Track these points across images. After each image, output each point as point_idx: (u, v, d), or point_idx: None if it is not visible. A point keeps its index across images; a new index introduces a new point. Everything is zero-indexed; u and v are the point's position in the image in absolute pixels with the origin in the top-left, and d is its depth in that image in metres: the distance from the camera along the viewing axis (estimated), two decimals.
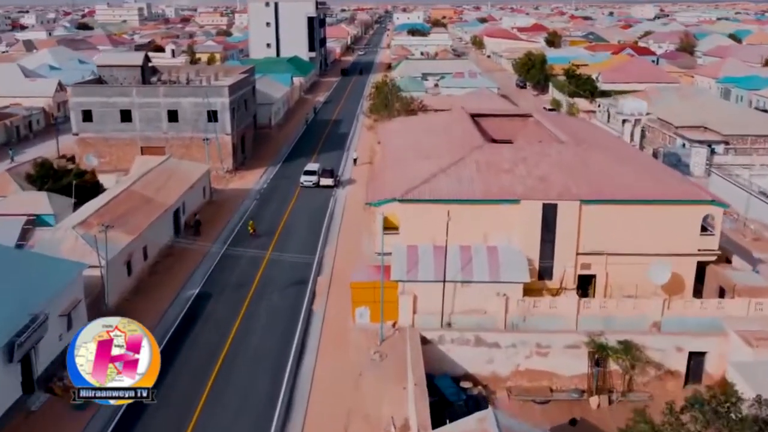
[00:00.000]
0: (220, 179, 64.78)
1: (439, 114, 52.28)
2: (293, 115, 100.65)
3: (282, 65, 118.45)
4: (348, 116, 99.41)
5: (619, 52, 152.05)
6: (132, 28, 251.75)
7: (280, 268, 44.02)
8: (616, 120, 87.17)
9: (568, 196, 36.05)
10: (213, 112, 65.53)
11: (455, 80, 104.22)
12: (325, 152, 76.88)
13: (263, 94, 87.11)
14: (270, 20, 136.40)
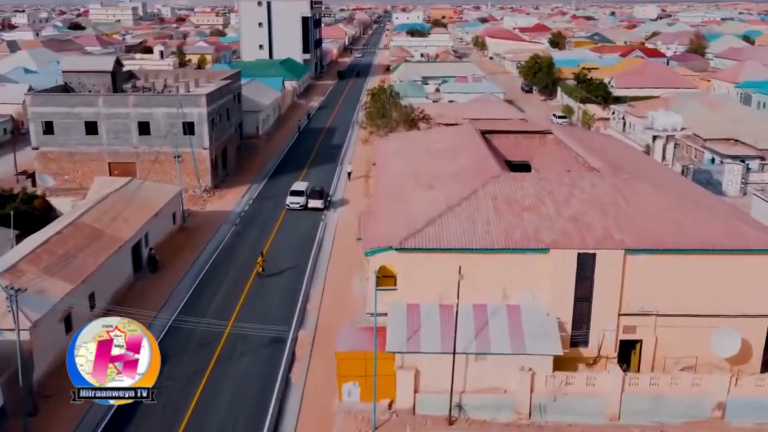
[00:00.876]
0: (197, 200, 57.18)
1: (444, 130, 44.64)
2: (285, 122, 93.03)
3: (274, 68, 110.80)
4: (343, 124, 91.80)
5: (628, 54, 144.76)
6: (124, 28, 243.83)
7: (255, 317, 36.47)
8: (633, 129, 79.72)
9: (610, 244, 28.47)
10: (189, 124, 57.93)
11: (458, 85, 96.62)
12: (317, 166, 69.28)
13: (250, 101, 79.52)
14: (262, 20, 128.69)
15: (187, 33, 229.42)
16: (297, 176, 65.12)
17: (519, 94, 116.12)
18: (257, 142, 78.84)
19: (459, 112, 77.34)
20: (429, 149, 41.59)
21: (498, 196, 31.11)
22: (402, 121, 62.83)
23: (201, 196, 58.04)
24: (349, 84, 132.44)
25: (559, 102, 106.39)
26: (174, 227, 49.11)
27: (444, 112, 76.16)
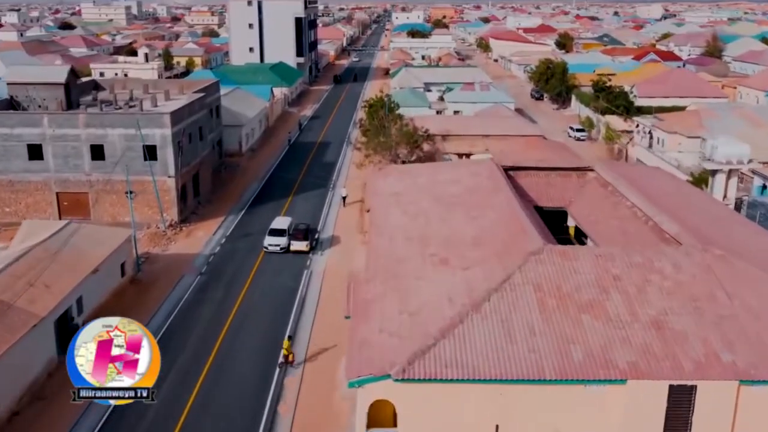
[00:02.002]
0: (159, 238, 47.47)
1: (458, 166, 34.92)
2: (273, 134, 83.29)
3: (263, 74, 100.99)
4: (337, 137, 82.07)
5: (642, 57, 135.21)
6: (115, 28, 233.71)
7: (207, 425, 26.91)
8: (662, 146, 70.09)
9: (717, 370, 18.86)
10: (150, 148, 48.29)
11: (464, 94, 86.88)
12: (305, 191, 59.54)
13: (232, 114, 69.79)
14: (253, 21, 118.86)
15: (180, 33, 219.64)
16: (281, 204, 55.50)
17: (528, 102, 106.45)
18: (239, 161, 69.12)
19: (467, 127, 67.80)
20: (439, 195, 31.87)
21: (543, 285, 21.52)
22: (403, 142, 53.11)
23: (165, 233, 48.36)
24: (345, 89, 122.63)
25: (573, 111, 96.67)
26: (122, 281, 39.42)
27: (450, 128, 66.56)
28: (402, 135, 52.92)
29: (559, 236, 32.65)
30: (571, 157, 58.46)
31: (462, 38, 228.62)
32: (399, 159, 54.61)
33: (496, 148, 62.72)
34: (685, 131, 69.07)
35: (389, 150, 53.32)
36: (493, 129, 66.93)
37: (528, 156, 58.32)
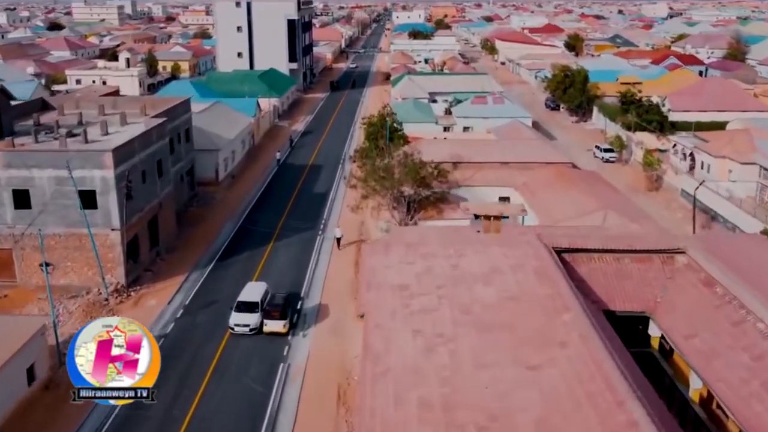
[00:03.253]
0: (99, 310, 36.77)
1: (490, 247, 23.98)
2: (259, 154, 72.58)
3: (251, 82, 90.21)
4: (331, 158, 71.35)
5: (662, 60, 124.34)
6: (106, 28, 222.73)
7: None
8: (709, 172, 59.41)
9: None
10: (88, 194, 37.67)
11: (476, 108, 76.09)
12: (290, 234, 48.84)
13: (207, 136, 59.10)
14: (241, 24, 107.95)
15: (173, 34, 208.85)
16: (259, 253, 44.88)
17: (542, 113, 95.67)
18: (216, 191, 58.47)
19: (482, 152, 57.07)
20: (467, 303, 21.13)
21: None
22: (409, 179, 42.34)
23: (107, 302, 37.71)
24: (343, 97, 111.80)
25: (595, 125, 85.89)
26: (30, 390, 28.78)
27: (462, 153, 55.86)
28: (407, 170, 42.16)
29: (637, 349, 22.05)
30: (615, 196, 47.73)
31: (465, 39, 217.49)
32: (403, 197, 43.87)
33: (518, 179, 52.08)
34: (736, 156, 58.41)
35: (391, 189, 42.58)
36: (513, 154, 56.19)
37: (560, 192, 47.65)
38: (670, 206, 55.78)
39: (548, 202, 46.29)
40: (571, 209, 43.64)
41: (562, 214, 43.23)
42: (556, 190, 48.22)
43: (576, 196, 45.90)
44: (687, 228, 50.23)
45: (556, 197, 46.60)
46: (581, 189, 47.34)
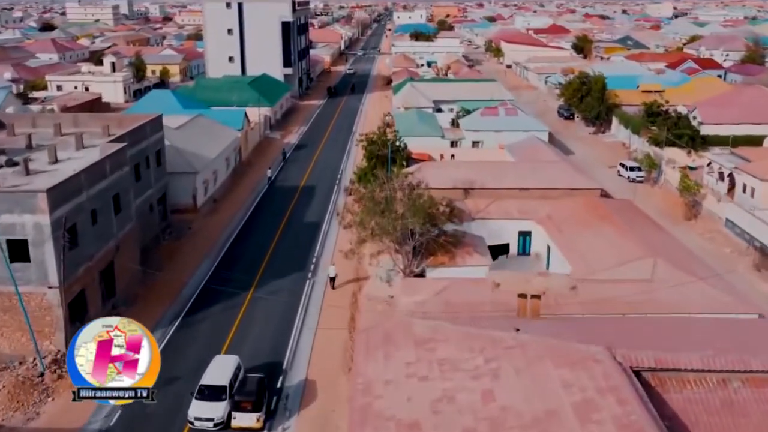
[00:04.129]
0: (29, 391, 29.23)
1: (543, 362, 16.64)
2: (246, 173, 64.95)
3: (240, 90, 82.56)
4: (326, 177, 63.66)
5: (678, 65, 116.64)
6: (99, 29, 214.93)
7: None
8: (754, 197, 51.88)
9: None
10: (17, 244, 30.10)
11: (486, 120, 68.41)
12: (274, 278, 41.26)
13: (184, 157, 51.52)
14: (232, 26, 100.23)
15: (167, 35, 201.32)
16: (236, 305, 37.29)
17: (555, 122, 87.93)
18: (193, 219, 50.89)
19: (497, 175, 49.61)
20: None
21: None
22: (416, 219, 34.60)
23: (41, 378, 30.13)
24: (341, 104, 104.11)
25: (614, 136, 78.20)
26: None
27: (474, 177, 48.36)
28: (414, 209, 34.45)
29: None
30: (658, 234, 40.10)
31: (468, 39, 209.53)
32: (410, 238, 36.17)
33: (540, 210, 44.50)
34: None
35: (394, 232, 34.89)
36: (532, 179, 48.66)
37: (592, 229, 40.05)
38: (715, 239, 48.16)
39: (580, 242, 38.71)
40: (610, 254, 36.08)
41: (599, 260, 35.68)
42: (588, 226, 40.66)
43: (613, 236, 38.33)
44: (738, 263, 42.74)
45: (589, 236, 39.02)
46: (617, 225, 39.76)
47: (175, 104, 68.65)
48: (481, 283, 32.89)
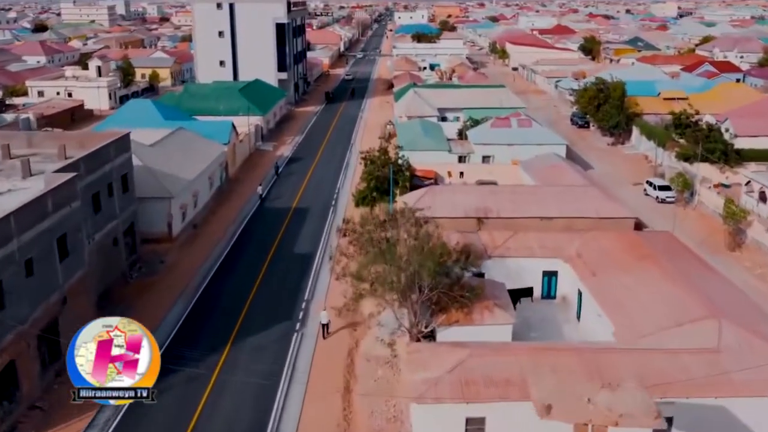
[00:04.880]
0: None
1: None
2: (233, 192, 58.41)
3: (229, 98, 76.00)
4: (320, 198, 57.04)
5: (695, 68, 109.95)
6: (93, 30, 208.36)
7: None
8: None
9: None
10: None
11: (497, 132, 61.81)
12: (256, 330, 34.61)
13: (158, 180, 44.99)
14: (223, 28, 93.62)
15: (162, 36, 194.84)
16: (207, 369, 30.71)
17: (569, 131, 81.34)
18: (168, 250, 44.38)
19: (516, 201, 43.08)
20: None
21: None
22: (426, 268, 27.90)
23: None
24: (339, 111, 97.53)
25: (634, 148, 71.50)
26: None
27: (489, 202, 41.98)
28: (422, 258, 27.80)
29: None
30: (714, 279, 33.29)
31: (471, 40, 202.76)
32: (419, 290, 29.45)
33: (568, 246, 37.93)
34: None
35: (397, 284, 28.24)
36: (555, 205, 42.15)
37: (633, 273, 33.44)
38: (766, 277, 41.54)
39: (619, 291, 32.09)
40: (660, 310, 29.48)
41: (648, 320, 29.09)
42: (627, 268, 34.03)
43: (659, 283, 31.71)
44: None
45: (630, 283, 32.41)
46: (663, 268, 33.14)
47: (156, 115, 62.18)
48: (506, 353, 26.41)
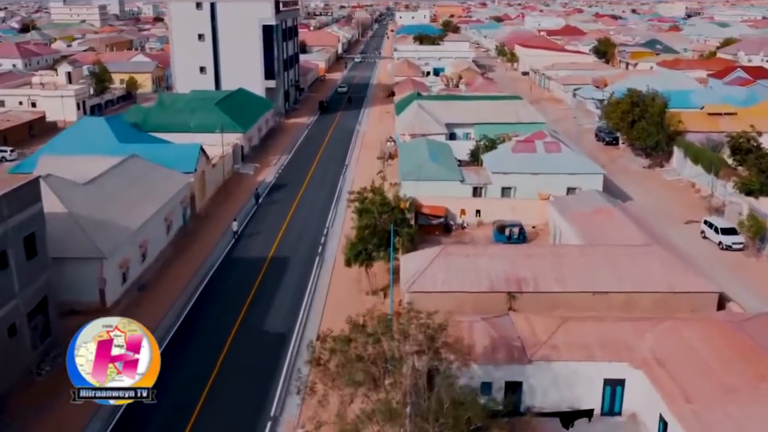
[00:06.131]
0: None
1: None
2: (199, 232, 47.35)
3: (204, 112, 64.86)
4: (305, 242, 45.76)
5: (726, 73, 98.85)
6: (82, 30, 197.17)
7: None
8: None
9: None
10: None
11: (519, 158, 50.67)
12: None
13: (86, 234, 33.94)
14: (204, 31, 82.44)
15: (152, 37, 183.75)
16: None
17: (593, 147, 70.33)
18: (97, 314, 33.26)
19: (556, 271, 32.21)
20: None
21: None
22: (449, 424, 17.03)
23: None
24: (334, 122, 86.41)
25: (677, 173, 60.30)
26: None
27: (520, 272, 31.26)
28: (446, 417, 16.84)
29: None
30: None
31: (476, 42, 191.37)
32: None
33: (639, 344, 26.83)
34: None
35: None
36: (611, 274, 31.12)
37: (755, 402, 22.42)
38: None
39: None
40: None
41: None
42: (740, 397, 22.93)
43: None
44: None
45: (752, 426, 21.35)
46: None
47: (109, 137, 51.22)
48: None
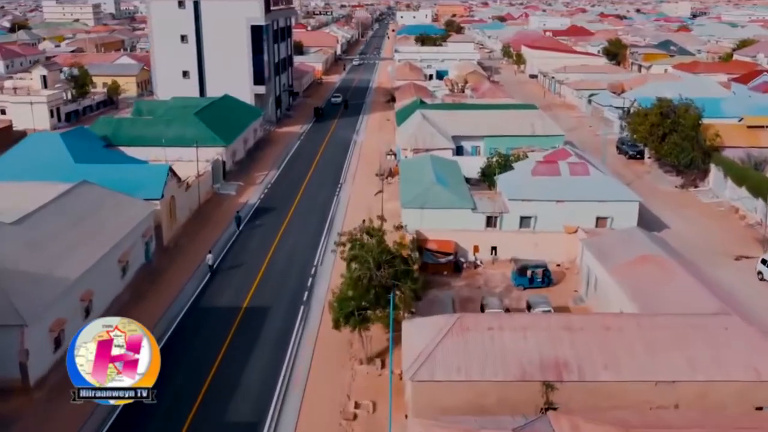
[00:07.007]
0: None
1: None
2: (165, 270, 39.88)
3: (181, 123, 57.34)
4: (288, 286, 38.27)
5: (751, 78, 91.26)
6: (73, 30, 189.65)
7: None
8: None
9: None
10: None
11: (540, 183, 43.07)
12: None
13: (4, 296, 26.39)
14: (187, 32, 74.88)
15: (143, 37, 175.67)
16: None
17: (615, 161, 62.85)
18: (21, 406, 25.91)
19: (609, 353, 24.56)
20: None
21: None
22: None
23: None
24: (329, 131, 78.86)
25: (714, 195, 52.83)
26: None
27: (563, 354, 23.66)
28: None
29: None
30: None
31: (480, 42, 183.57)
32: None
33: None
34: None
35: None
36: (678, 355, 23.64)
37: None
38: None
39: None
40: None
41: None
42: None
43: None
44: None
45: None
46: None
47: (64, 157, 43.69)
48: None
